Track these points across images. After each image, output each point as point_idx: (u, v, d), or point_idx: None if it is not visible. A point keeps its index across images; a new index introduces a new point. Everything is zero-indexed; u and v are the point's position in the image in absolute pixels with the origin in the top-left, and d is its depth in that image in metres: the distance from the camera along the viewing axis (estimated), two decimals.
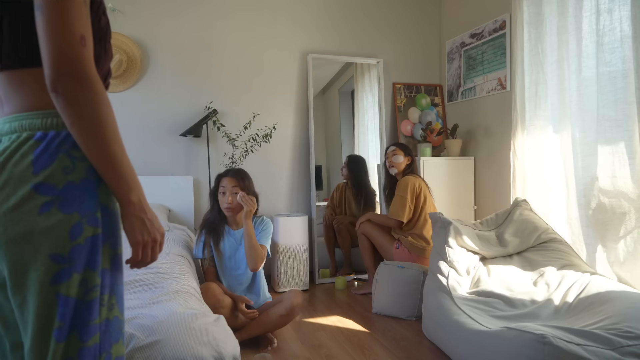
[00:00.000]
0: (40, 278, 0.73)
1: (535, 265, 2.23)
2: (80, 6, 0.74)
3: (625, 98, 2.14)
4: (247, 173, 2.34)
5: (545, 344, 1.41)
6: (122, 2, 3.09)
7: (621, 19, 2.14)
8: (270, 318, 2.13)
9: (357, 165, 3.47)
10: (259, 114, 3.39)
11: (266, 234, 2.29)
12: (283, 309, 2.12)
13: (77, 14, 0.73)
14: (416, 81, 3.84)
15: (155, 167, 3.19)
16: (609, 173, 2.24)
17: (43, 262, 0.73)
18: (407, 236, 2.78)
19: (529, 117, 2.72)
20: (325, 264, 3.46)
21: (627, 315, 1.63)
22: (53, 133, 0.77)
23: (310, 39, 3.56)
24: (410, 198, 2.75)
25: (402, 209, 2.75)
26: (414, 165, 2.95)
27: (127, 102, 3.12)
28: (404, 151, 2.94)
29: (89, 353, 0.76)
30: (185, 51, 3.25)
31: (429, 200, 2.83)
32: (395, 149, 2.95)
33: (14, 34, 0.78)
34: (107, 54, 0.87)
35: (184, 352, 1.16)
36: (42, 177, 0.74)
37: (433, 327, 2.11)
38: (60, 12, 0.71)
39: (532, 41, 2.69)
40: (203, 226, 2.33)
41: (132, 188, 0.79)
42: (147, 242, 0.82)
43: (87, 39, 0.74)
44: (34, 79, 0.78)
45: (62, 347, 0.73)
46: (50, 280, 0.73)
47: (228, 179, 2.26)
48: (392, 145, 3.01)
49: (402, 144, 3.00)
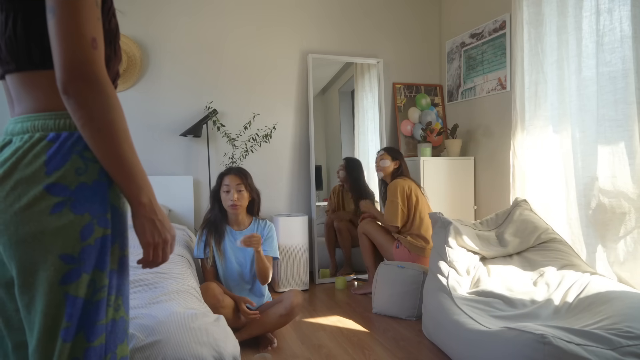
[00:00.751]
0: (49, 278, 0.73)
1: (535, 265, 2.23)
2: (92, 8, 0.74)
3: (625, 98, 2.14)
4: (248, 171, 2.35)
5: (545, 344, 1.41)
6: (122, 2, 3.09)
7: (621, 19, 2.14)
8: (270, 318, 2.13)
9: (354, 168, 3.47)
10: (259, 114, 3.39)
11: (272, 242, 2.32)
12: (283, 308, 2.12)
13: (88, 16, 0.73)
14: (416, 81, 3.84)
15: (155, 167, 3.19)
16: (609, 173, 2.24)
17: (53, 262, 0.73)
18: (405, 236, 2.78)
19: (528, 117, 2.72)
20: (325, 264, 3.46)
21: (627, 315, 1.63)
22: (66, 134, 0.77)
23: (310, 39, 3.56)
24: (402, 201, 2.77)
25: (395, 213, 2.77)
26: (402, 168, 2.97)
27: (127, 102, 3.12)
28: (391, 155, 2.97)
29: (94, 353, 0.76)
30: (185, 51, 3.25)
31: (421, 200, 2.84)
32: (383, 154, 2.98)
33: (27, 35, 0.78)
34: (116, 56, 0.88)
35: (184, 352, 1.16)
36: (54, 177, 0.74)
37: (433, 327, 2.11)
38: (71, 13, 0.71)
39: (532, 41, 2.69)
40: (204, 226, 2.33)
41: (143, 189, 0.79)
42: (157, 243, 0.82)
43: (99, 41, 0.74)
44: (46, 80, 0.79)
45: (69, 347, 0.74)
46: (60, 281, 0.73)
47: (231, 177, 2.26)
48: (380, 150, 3.04)
49: (390, 148, 3.03)
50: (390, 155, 2.97)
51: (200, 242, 2.30)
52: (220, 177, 2.31)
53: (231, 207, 2.25)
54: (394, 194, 2.80)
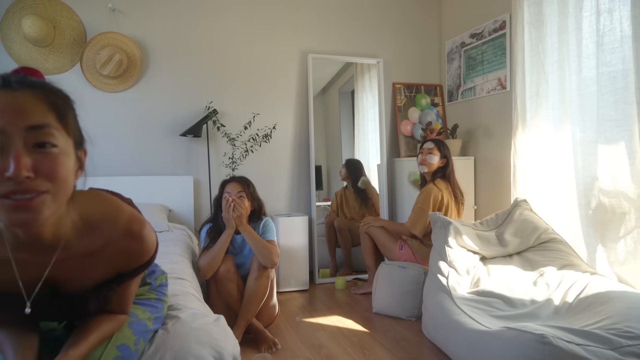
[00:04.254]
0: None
1: (535, 265, 2.23)
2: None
3: (625, 98, 2.14)
4: (250, 181, 2.37)
5: (545, 344, 1.41)
6: (122, 2, 3.09)
7: (621, 19, 2.14)
8: (250, 289, 2.16)
9: (355, 168, 3.55)
10: (259, 114, 3.39)
11: (269, 229, 2.32)
12: (253, 272, 2.16)
13: None
14: (416, 81, 3.84)
15: (155, 167, 3.19)
16: (609, 173, 2.24)
17: None
18: (416, 239, 2.76)
19: (529, 117, 2.72)
20: (325, 264, 3.46)
21: (627, 315, 1.63)
22: None
23: (310, 39, 3.56)
24: (432, 210, 2.60)
25: (419, 222, 2.64)
26: (449, 169, 2.73)
27: (127, 102, 3.12)
28: (441, 152, 2.73)
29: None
30: (185, 51, 3.25)
31: (453, 211, 2.69)
32: (433, 148, 2.72)
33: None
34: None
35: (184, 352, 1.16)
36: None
37: (433, 327, 2.11)
38: None
39: (532, 41, 2.69)
40: (210, 235, 2.32)
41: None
42: None
43: None
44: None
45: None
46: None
47: (233, 185, 2.29)
48: (430, 141, 2.77)
49: (442, 143, 2.78)
50: (440, 151, 2.73)
51: (203, 242, 2.33)
52: (223, 185, 2.33)
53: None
54: (425, 201, 2.62)
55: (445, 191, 2.70)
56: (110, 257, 0.87)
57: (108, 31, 3.03)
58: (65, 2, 2.95)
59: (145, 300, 1.09)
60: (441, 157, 2.75)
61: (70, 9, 2.96)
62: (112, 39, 3.03)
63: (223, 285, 2.20)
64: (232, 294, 2.21)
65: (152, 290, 1.12)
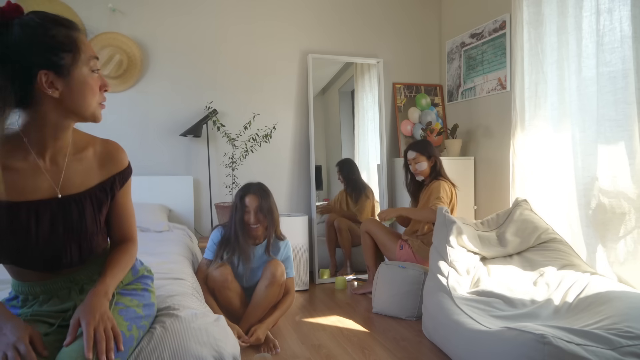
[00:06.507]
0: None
1: (535, 265, 2.22)
2: None
3: (625, 98, 2.13)
4: (268, 190, 2.33)
5: (545, 344, 1.41)
6: (122, 2, 3.09)
7: (621, 19, 2.14)
8: (259, 293, 2.19)
9: (346, 167, 3.59)
10: (259, 114, 3.39)
11: (290, 265, 2.36)
12: (266, 279, 2.18)
13: None
14: (416, 81, 3.84)
15: (155, 167, 3.19)
16: (609, 173, 2.24)
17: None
18: (417, 239, 2.77)
19: (528, 117, 2.72)
20: (325, 264, 3.46)
21: (627, 315, 1.63)
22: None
23: (310, 39, 3.56)
24: (445, 203, 2.64)
25: (443, 202, 2.64)
26: (438, 165, 2.80)
27: (127, 102, 3.12)
28: (425, 154, 2.79)
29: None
30: (185, 51, 3.25)
31: (455, 208, 2.77)
32: (416, 156, 2.79)
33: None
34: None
35: (184, 352, 1.16)
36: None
37: (433, 327, 2.11)
38: None
39: (532, 41, 2.69)
40: (225, 244, 2.31)
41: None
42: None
43: None
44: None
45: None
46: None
47: (251, 198, 2.26)
48: (410, 151, 2.83)
49: (421, 146, 2.82)
50: (425, 154, 2.79)
51: (216, 253, 2.30)
52: (242, 196, 2.28)
53: (251, 229, 2.28)
54: (444, 192, 2.65)
55: (451, 186, 2.77)
56: (99, 161, 1.19)
57: (108, 31, 3.03)
58: (66, 2, 2.95)
59: (131, 290, 1.19)
60: (428, 158, 2.81)
61: (71, 9, 2.96)
62: (112, 39, 3.03)
63: (222, 294, 2.22)
64: (232, 302, 2.24)
65: (137, 282, 1.22)
